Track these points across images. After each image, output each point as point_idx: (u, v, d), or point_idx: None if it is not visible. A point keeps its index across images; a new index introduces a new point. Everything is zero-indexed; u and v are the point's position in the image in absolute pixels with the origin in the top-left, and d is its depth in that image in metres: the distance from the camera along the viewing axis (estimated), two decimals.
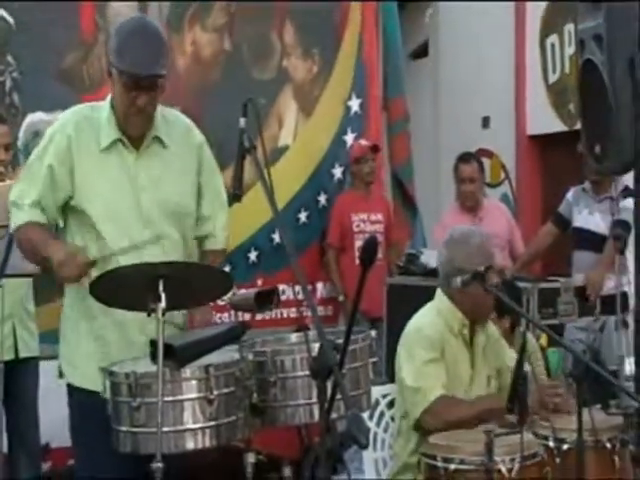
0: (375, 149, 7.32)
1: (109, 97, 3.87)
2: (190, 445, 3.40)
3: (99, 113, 3.86)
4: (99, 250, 3.74)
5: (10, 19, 6.02)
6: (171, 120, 3.99)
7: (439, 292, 4.42)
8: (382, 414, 4.55)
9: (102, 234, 3.76)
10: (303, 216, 7.11)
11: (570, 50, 8.90)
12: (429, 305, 4.43)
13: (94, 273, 3.57)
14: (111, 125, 3.82)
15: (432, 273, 6.45)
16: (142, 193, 3.82)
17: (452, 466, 3.57)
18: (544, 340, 5.27)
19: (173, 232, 3.89)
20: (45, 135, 3.87)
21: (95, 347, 3.82)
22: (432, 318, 4.35)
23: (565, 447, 3.80)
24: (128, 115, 3.77)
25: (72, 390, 3.89)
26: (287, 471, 3.82)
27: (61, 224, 3.87)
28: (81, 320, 3.84)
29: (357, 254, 6.54)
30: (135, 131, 3.82)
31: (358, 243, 6.98)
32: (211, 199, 4.06)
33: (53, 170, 3.74)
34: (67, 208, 3.82)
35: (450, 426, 4.04)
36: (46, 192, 3.75)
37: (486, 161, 9.36)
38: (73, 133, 3.79)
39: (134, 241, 3.73)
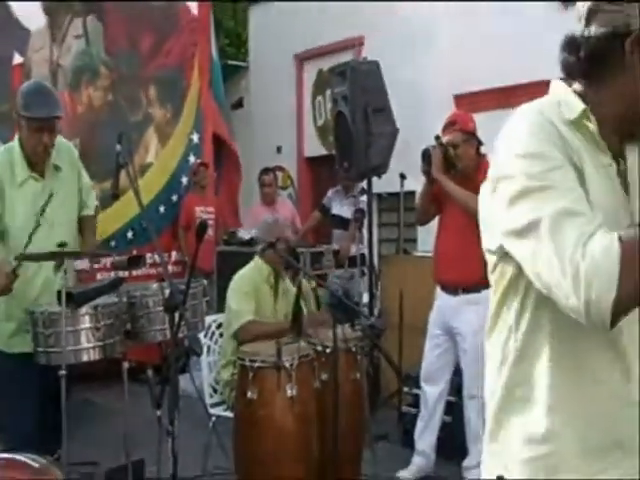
0: (205, 165, 7.24)
1: (16, 139, 3.63)
2: (85, 358, 3.32)
3: (12, 153, 3.61)
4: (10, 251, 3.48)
5: None
6: (58, 144, 3.74)
7: (257, 255, 4.40)
8: (213, 333, 4.51)
9: (18, 241, 3.49)
10: (162, 209, 6.95)
11: (329, 105, 9.02)
12: (251, 263, 4.40)
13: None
14: (23, 165, 3.60)
15: (245, 244, 6.47)
16: (48, 209, 3.57)
17: (256, 364, 3.57)
18: (314, 284, 5.34)
19: (71, 223, 3.77)
20: None
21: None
22: (250, 270, 4.32)
23: (328, 350, 3.85)
24: (36, 152, 3.57)
25: None
26: (150, 373, 3.72)
27: None
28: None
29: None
30: (40, 160, 3.62)
31: None
32: (86, 191, 3.93)
33: None
34: None
35: (257, 338, 4.04)
36: None
37: (279, 173, 9.43)
38: (0, 169, 3.55)
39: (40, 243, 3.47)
